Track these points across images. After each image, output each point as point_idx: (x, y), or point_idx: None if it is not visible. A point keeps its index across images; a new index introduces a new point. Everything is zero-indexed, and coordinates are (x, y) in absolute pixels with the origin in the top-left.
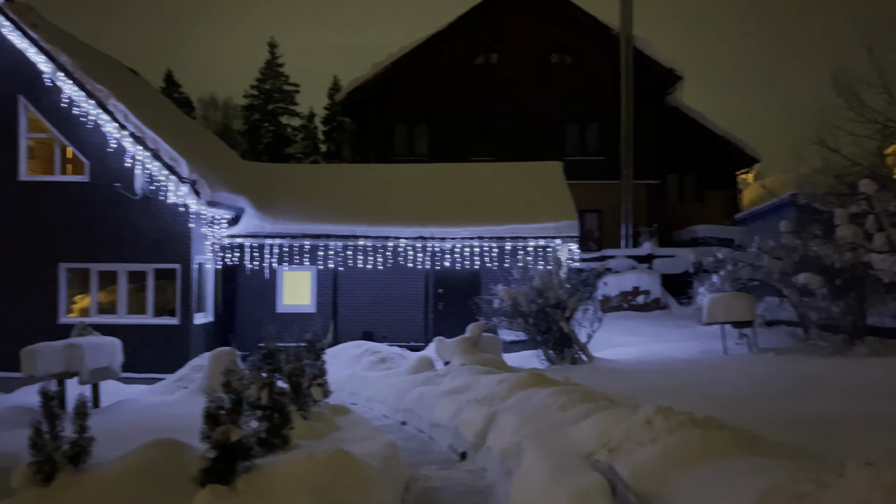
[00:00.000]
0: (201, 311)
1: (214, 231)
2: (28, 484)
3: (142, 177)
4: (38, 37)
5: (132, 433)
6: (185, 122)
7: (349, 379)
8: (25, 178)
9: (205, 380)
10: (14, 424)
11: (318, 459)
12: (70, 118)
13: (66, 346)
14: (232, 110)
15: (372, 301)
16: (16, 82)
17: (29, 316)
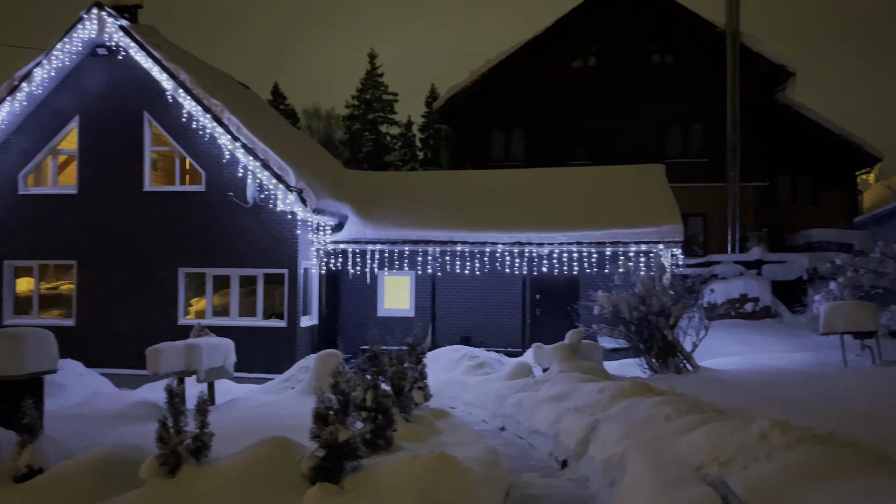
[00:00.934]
0: (307, 315)
1: (319, 237)
2: (154, 475)
3: (253, 186)
4: (160, 56)
5: (244, 430)
6: (291, 133)
7: (448, 383)
8: (149, 189)
9: (311, 380)
10: (139, 419)
11: (421, 462)
12: (189, 132)
13: (186, 346)
14: (334, 120)
15: (469, 306)
16: (141, 99)
17: (152, 317)
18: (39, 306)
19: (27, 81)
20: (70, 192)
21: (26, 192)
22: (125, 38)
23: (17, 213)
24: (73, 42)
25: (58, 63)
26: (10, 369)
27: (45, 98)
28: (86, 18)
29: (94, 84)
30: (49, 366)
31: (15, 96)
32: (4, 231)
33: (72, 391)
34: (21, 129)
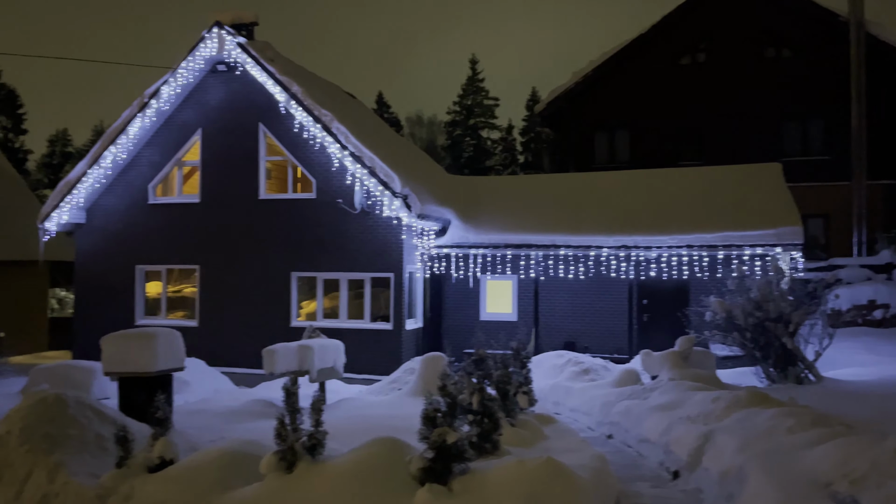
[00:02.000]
0: (411, 318)
1: (423, 242)
2: (273, 470)
3: (360, 193)
4: (274, 70)
5: (354, 429)
6: (396, 140)
7: (552, 388)
8: (264, 197)
9: (417, 383)
10: (257, 415)
11: (529, 467)
12: (300, 142)
13: (300, 347)
14: (436, 127)
15: (573, 311)
16: (257, 112)
17: (267, 319)
18: (166, 308)
19: (156, 98)
20: (193, 201)
21: (155, 201)
22: (242, 54)
23: (147, 221)
24: (195, 60)
25: (182, 80)
26: (144, 367)
27: (172, 113)
28: (207, 37)
29: (214, 99)
30: (177, 364)
31: (145, 112)
32: (137, 238)
33: (196, 388)
34: (150, 143)
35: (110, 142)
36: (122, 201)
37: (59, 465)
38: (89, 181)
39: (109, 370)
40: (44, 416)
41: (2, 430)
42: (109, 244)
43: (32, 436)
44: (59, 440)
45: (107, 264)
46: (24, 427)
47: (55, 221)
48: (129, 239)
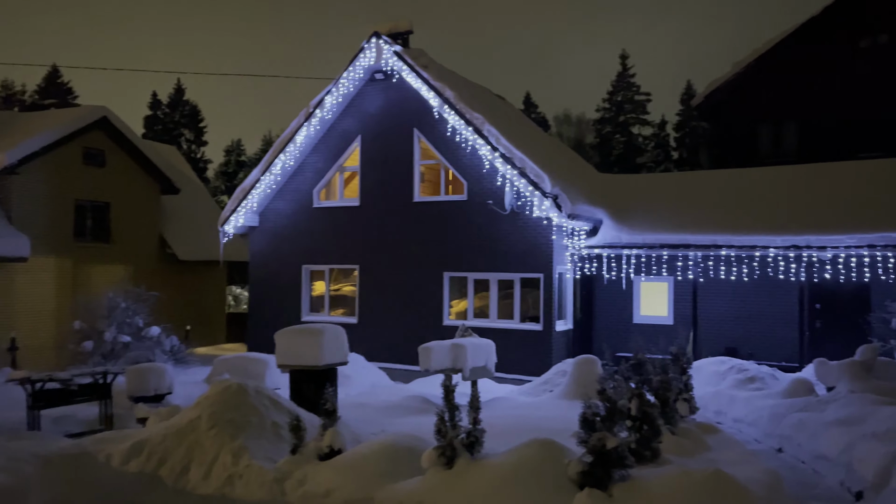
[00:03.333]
0: (561, 319)
1: (574, 242)
2: (434, 465)
3: (510, 193)
4: (428, 76)
5: (507, 429)
6: (545, 140)
7: (713, 396)
8: (418, 200)
9: (568, 385)
10: (413, 411)
11: (695, 478)
12: (452, 145)
13: (453, 346)
14: (584, 125)
15: (735, 315)
16: (412, 118)
17: (420, 318)
18: (329, 305)
19: (319, 108)
20: (353, 205)
21: (319, 205)
22: (398, 62)
23: (312, 223)
24: (355, 70)
25: (344, 90)
26: (312, 361)
27: (334, 122)
28: (366, 48)
29: (372, 106)
30: (341, 358)
31: (310, 122)
32: (303, 240)
33: (356, 382)
34: (315, 150)
35: (280, 150)
36: (290, 205)
37: (242, 449)
38: (261, 187)
39: (282, 363)
40: (228, 403)
41: (193, 414)
42: (279, 245)
43: (219, 421)
44: (241, 426)
45: (277, 264)
46: (212, 413)
47: (232, 225)
48: (297, 240)
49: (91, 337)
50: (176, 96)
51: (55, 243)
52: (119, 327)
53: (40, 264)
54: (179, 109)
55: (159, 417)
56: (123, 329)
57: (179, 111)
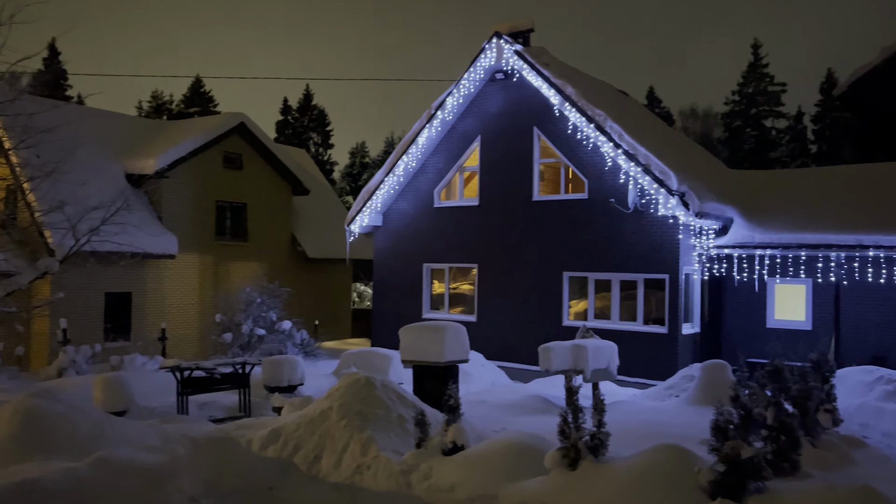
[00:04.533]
0: (688, 322)
1: (702, 242)
2: (557, 466)
3: (633, 191)
4: (549, 74)
5: (631, 433)
6: (670, 136)
7: (859, 408)
8: (537, 199)
9: (696, 391)
10: (533, 411)
11: (840, 494)
12: (573, 143)
13: (574, 346)
14: (711, 119)
15: (883, 321)
16: (531, 116)
17: (539, 318)
18: (448, 303)
19: (441, 110)
20: (473, 204)
21: (440, 205)
22: (519, 61)
23: (433, 223)
24: (476, 71)
25: (464, 91)
26: (435, 357)
27: (455, 123)
28: (487, 48)
29: (492, 106)
30: (463, 356)
31: (432, 123)
32: (424, 239)
33: (476, 380)
34: (436, 152)
35: (402, 152)
36: (411, 205)
37: (370, 440)
38: (385, 188)
39: (406, 358)
40: (357, 396)
41: (324, 405)
42: (401, 244)
43: (348, 412)
44: (369, 418)
45: (399, 262)
46: (342, 405)
47: (358, 224)
48: (418, 239)
49: (230, 329)
50: (305, 102)
51: (199, 241)
52: (255, 321)
53: (186, 261)
54: (308, 114)
55: (293, 407)
56: (259, 322)
57: (308, 116)
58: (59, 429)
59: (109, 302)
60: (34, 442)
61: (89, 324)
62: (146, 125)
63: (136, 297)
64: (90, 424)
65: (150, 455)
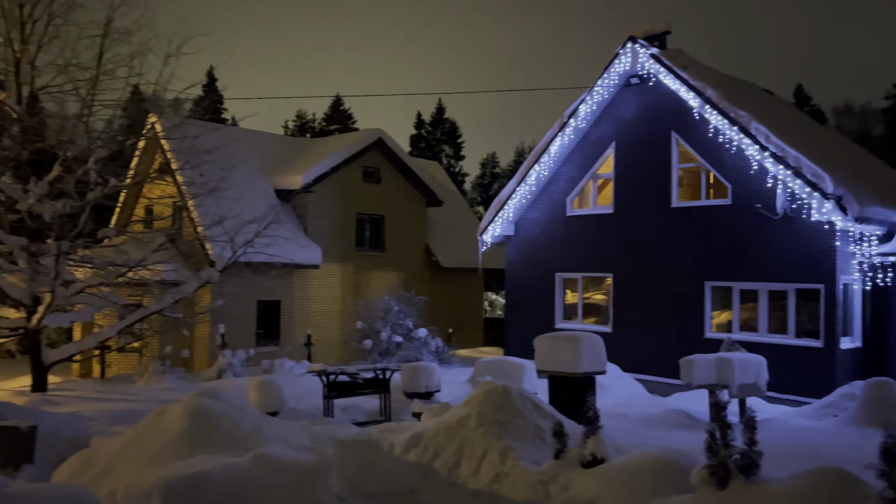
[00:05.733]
0: (847, 335)
1: (862, 249)
2: (704, 484)
3: (783, 196)
4: (687, 77)
5: (783, 454)
6: (822, 135)
7: None
8: (676, 205)
9: (859, 410)
10: (674, 426)
11: None
12: (714, 146)
13: (718, 360)
14: (870, 116)
15: None
16: (669, 120)
17: (679, 329)
18: (582, 313)
19: (573, 117)
20: (607, 212)
21: (572, 213)
22: (655, 64)
23: (565, 232)
24: (610, 77)
25: (598, 97)
26: (570, 368)
27: (588, 130)
28: (621, 53)
29: (627, 112)
30: (599, 367)
31: (564, 131)
32: (556, 248)
33: (612, 392)
34: (568, 160)
35: (534, 161)
36: (543, 214)
37: (508, 449)
38: (517, 197)
39: (541, 368)
40: (494, 404)
41: (462, 413)
42: (533, 253)
43: (486, 420)
44: (506, 426)
45: (531, 272)
46: (480, 412)
47: (490, 234)
48: (550, 248)
49: (370, 336)
50: (437, 115)
51: (340, 252)
52: (393, 328)
53: (329, 270)
54: (440, 127)
55: (432, 413)
56: (396, 330)
57: (440, 128)
58: (223, 426)
59: (261, 309)
60: (202, 438)
61: (243, 329)
62: (292, 143)
63: (284, 304)
64: (250, 423)
65: (302, 454)
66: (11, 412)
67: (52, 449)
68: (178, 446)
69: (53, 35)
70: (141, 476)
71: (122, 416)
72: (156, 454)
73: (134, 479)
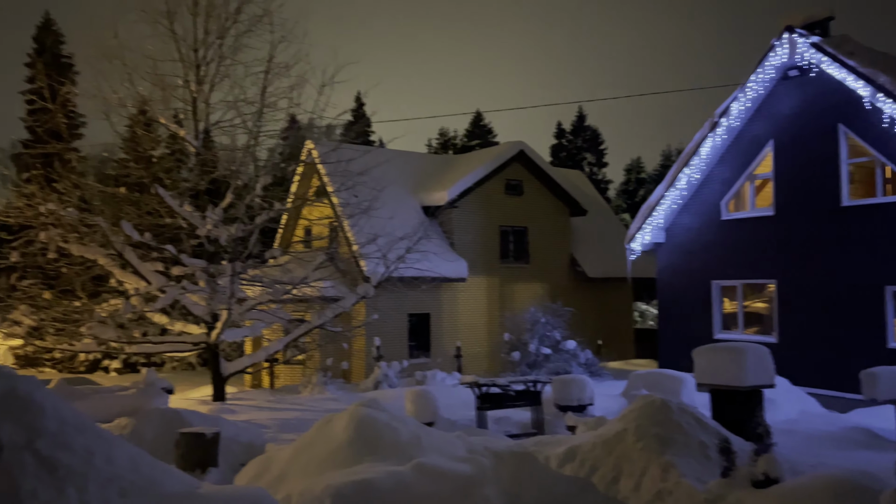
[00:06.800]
0: None
1: None
2: None
3: None
4: (855, 64)
5: None
6: None
7: None
8: (847, 204)
9: None
10: (857, 445)
11: None
12: (890, 138)
13: None
14: None
15: None
16: (835, 112)
17: (855, 338)
18: (743, 323)
19: (725, 116)
20: (767, 214)
21: (728, 217)
22: (817, 54)
23: (720, 237)
24: (765, 70)
25: (752, 93)
26: (734, 381)
27: (742, 128)
28: (777, 45)
29: (786, 107)
30: (767, 381)
31: (715, 131)
32: (711, 254)
33: (781, 407)
34: (721, 161)
35: (684, 164)
36: (695, 219)
37: (670, 465)
38: (666, 203)
39: (701, 381)
40: (653, 418)
41: (619, 427)
42: (686, 261)
43: (645, 435)
44: (667, 442)
45: (684, 280)
46: (638, 426)
47: (639, 242)
48: (704, 255)
49: (517, 348)
50: (578, 123)
51: (485, 265)
52: (540, 340)
53: (475, 283)
54: (581, 135)
55: (587, 427)
56: (544, 342)
57: (581, 137)
58: (384, 436)
59: (412, 322)
60: (365, 446)
61: (396, 342)
62: (436, 161)
63: (433, 317)
64: (409, 433)
65: (460, 464)
66: (197, 419)
67: (233, 454)
68: (344, 454)
69: (224, 74)
70: (311, 482)
71: (291, 425)
72: (324, 461)
73: (306, 485)
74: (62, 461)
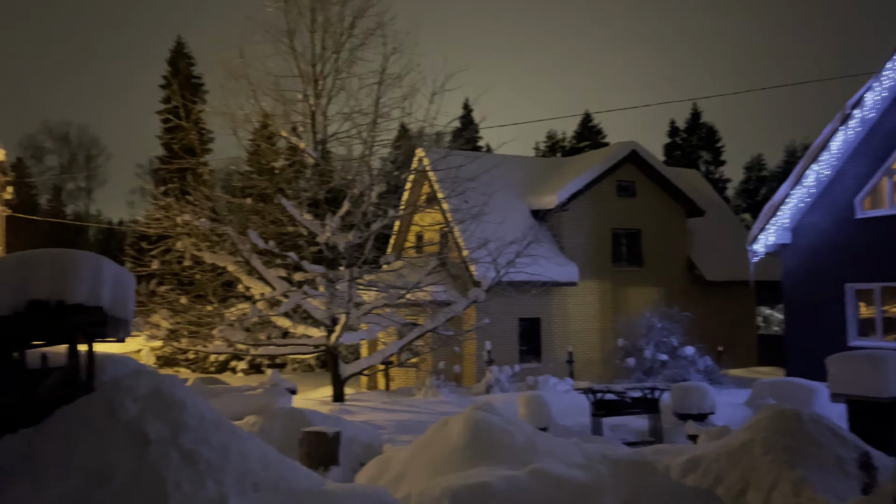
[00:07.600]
0: None
1: None
2: None
3: None
4: None
5: None
6: None
7: None
8: None
9: None
10: None
11: None
12: None
13: None
14: None
15: None
16: None
17: None
18: (882, 329)
19: (858, 107)
20: None
21: (863, 215)
22: None
23: (854, 237)
24: None
25: (888, 82)
26: (874, 391)
27: (877, 120)
28: None
29: None
30: None
31: (847, 124)
32: (844, 255)
33: None
34: (854, 155)
35: (812, 160)
36: (826, 218)
37: (803, 480)
38: (792, 201)
39: (837, 391)
40: (783, 429)
41: (745, 437)
42: (815, 262)
43: (774, 447)
44: (798, 455)
45: (814, 283)
46: (766, 438)
47: (762, 243)
48: (836, 256)
49: (632, 354)
50: (692, 121)
51: (597, 268)
52: (656, 346)
53: (586, 287)
54: (696, 133)
55: (710, 436)
56: (660, 348)
57: (696, 135)
58: (499, 439)
59: (522, 326)
60: (481, 450)
61: (506, 346)
62: (544, 164)
63: (543, 322)
64: (524, 437)
65: (577, 471)
66: (319, 419)
67: (352, 453)
68: (459, 457)
69: (340, 87)
70: (428, 483)
71: (407, 426)
72: (440, 463)
73: (424, 486)
74: (202, 455)
